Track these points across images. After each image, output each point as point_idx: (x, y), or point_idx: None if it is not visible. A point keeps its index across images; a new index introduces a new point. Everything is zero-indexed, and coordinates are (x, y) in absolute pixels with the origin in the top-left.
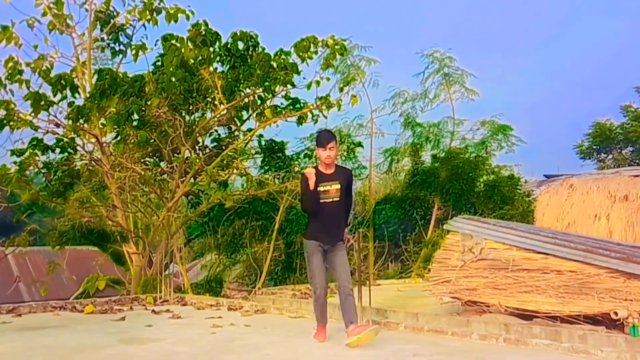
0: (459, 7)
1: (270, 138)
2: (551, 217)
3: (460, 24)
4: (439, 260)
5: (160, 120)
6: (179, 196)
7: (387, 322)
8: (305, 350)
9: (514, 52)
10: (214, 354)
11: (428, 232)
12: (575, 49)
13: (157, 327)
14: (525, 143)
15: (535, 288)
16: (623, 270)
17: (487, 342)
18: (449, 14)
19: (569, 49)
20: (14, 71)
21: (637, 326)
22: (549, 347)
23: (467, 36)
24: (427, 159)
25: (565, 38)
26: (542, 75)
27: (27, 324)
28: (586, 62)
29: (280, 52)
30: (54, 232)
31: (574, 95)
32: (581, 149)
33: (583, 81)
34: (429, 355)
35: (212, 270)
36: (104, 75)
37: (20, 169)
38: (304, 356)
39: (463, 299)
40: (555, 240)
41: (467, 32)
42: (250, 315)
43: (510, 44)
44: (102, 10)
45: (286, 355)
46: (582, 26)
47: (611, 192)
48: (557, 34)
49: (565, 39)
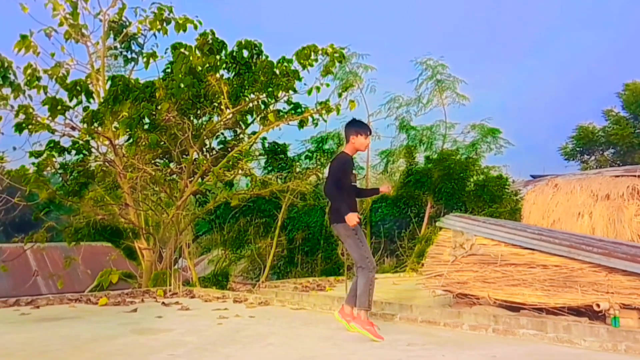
0: (451, 18)
1: (273, 140)
2: (537, 215)
3: (452, 33)
4: (432, 255)
5: (169, 124)
6: (187, 195)
7: (383, 313)
8: (307, 339)
9: (503, 60)
10: (220, 344)
11: (421, 229)
12: (560, 57)
13: (166, 319)
14: (513, 145)
15: (522, 281)
16: (605, 265)
17: (477, 333)
18: (441, 24)
19: (554, 58)
20: (32, 77)
21: (618, 317)
22: (535, 337)
23: (458, 45)
24: (420, 160)
25: (551, 47)
26: (529, 81)
27: (44, 315)
28: (570, 70)
29: (282, 60)
30: (70, 229)
31: (559, 101)
32: (565, 150)
33: (567, 87)
34: (422, 344)
35: (219, 264)
36: (117, 82)
37: (38, 170)
38: (305, 345)
39: (454, 292)
40: (541, 236)
41: (458, 41)
42: (254, 307)
43: (499, 52)
44: (115, 20)
45: (288, 344)
46: (567, 36)
47: (594, 191)
48: (544, 43)
49: (551, 48)
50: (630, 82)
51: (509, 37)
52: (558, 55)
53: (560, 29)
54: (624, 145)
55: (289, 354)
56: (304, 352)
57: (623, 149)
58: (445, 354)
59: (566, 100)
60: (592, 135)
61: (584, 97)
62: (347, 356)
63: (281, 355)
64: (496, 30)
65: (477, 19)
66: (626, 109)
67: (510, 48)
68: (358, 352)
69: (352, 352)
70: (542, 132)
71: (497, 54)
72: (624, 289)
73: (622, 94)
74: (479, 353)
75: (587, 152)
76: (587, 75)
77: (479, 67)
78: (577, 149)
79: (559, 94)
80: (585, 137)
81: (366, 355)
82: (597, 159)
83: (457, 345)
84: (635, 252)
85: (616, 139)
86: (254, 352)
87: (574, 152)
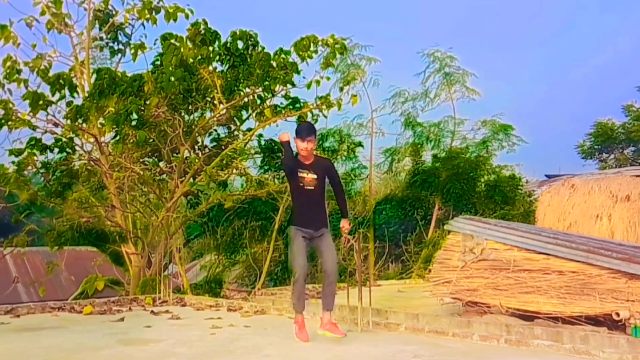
0: (460, 5)
1: (270, 138)
2: (552, 218)
3: (462, 22)
4: (440, 260)
5: (159, 120)
6: (178, 196)
7: (387, 322)
8: (305, 351)
9: (515, 51)
10: (213, 355)
11: (429, 232)
12: (576, 47)
13: (156, 328)
14: (526, 143)
15: (536, 289)
16: (625, 271)
17: (488, 343)
18: (450, 12)
19: (570, 48)
20: (12, 70)
21: (639, 327)
22: (551, 348)
23: (468, 35)
24: (427, 158)
25: (567, 36)
26: (544, 74)
27: (25, 324)
28: (588, 61)
29: (280, 52)
30: (53, 233)
31: (576, 95)
32: (583, 148)
33: (585, 80)
34: (430, 356)
35: (212, 270)
36: (103, 75)
37: (18, 169)
38: (303, 357)
39: (464, 300)
40: (557, 240)
41: (468, 30)
42: (249, 316)
43: (511, 42)
44: (101, 9)
45: (286, 357)
46: (585, 24)
47: (613, 192)
48: (559, 32)
49: (567, 37)
50: None
51: (523, 26)
52: (576, 45)
53: (578, 15)
54: None
55: None
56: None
57: None
58: None
59: (584, 94)
60: (611, 132)
61: (603, 91)
62: None
63: None
64: (509, 19)
65: (489, 6)
66: None
67: (524, 38)
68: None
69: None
70: (558, 128)
71: (510, 45)
72: None
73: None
74: None
75: (606, 150)
76: (607, 67)
77: (489, 58)
78: (595, 147)
79: (577, 88)
80: (603, 134)
81: None
82: (616, 157)
83: (466, 357)
84: None
85: (637, 136)
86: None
87: (592, 150)
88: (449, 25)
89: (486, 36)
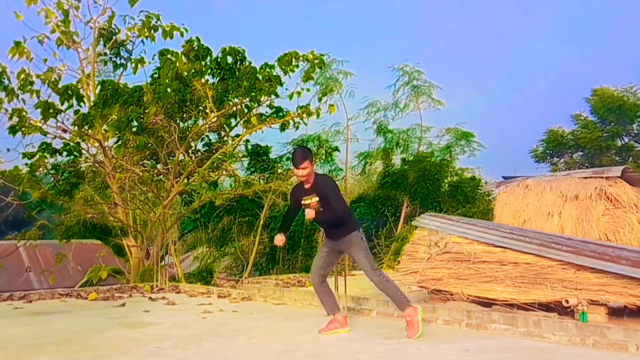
0: (427, 26)
1: (256, 143)
2: (509, 215)
3: (427, 40)
4: (408, 253)
5: (157, 127)
6: (173, 195)
7: (360, 308)
8: (288, 333)
9: (477, 67)
10: (205, 337)
11: (398, 227)
12: (530, 66)
13: (153, 313)
14: (485, 148)
15: (494, 278)
16: (574, 263)
17: (450, 327)
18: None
19: (525, 66)
20: (25, 82)
21: (586, 313)
22: (507, 331)
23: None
24: (397, 162)
25: (523, 56)
26: (505, 86)
27: (37, 309)
28: (541, 77)
29: (265, 66)
30: (61, 227)
31: (530, 106)
32: (536, 153)
33: (538, 93)
34: (398, 338)
35: (204, 261)
36: (107, 86)
37: (31, 170)
38: (287, 338)
39: (429, 288)
40: (513, 235)
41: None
42: (237, 302)
43: (473, 60)
44: (105, 27)
45: (271, 338)
46: (540, 46)
47: (563, 192)
48: (518, 52)
49: (524, 57)
50: (598, 87)
51: (485, 46)
52: (530, 64)
53: (535, 38)
54: (592, 148)
55: (271, 347)
56: (286, 345)
57: (591, 151)
58: (421, 347)
59: (537, 105)
60: (561, 138)
61: (554, 103)
62: (326, 349)
63: (264, 348)
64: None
65: (455, 27)
66: (594, 113)
67: (485, 56)
68: (337, 345)
69: (331, 345)
70: (514, 135)
71: (471, 62)
72: (592, 286)
73: (591, 99)
74: (452, 347)
75: (557, 155)
76: (557, 81)
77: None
78: (547, 152)
79: (530, 100)
80: (555, 141)
81: (344, 348)
82: (566, 161)
83: (432, 339)
84: (603, 251)
85: (584, 142)
86: (237, 345)
87: (544, 155)
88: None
89: (451, 54)
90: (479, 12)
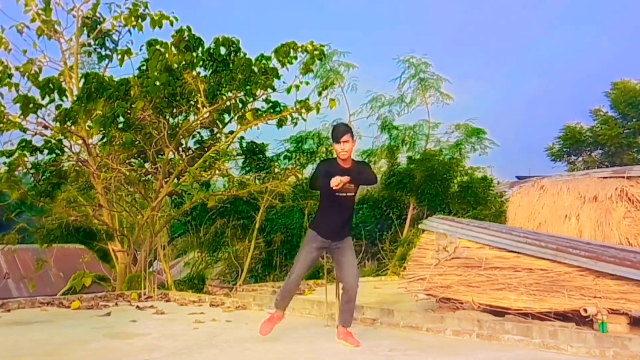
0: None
1: (251, 140)
2: (523, 217)
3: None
4: (414, 258)
5: (144, 123)
6: (162, 196)
7: (363, 318)
8: (285, 344)
9: (490, 59)
10: (196, 348)
11: (404, 231)
12: (547, 57)
13: (141, 323)
14: (498, 145)
15: (507, 285)
16: (592, 269)
17: (460, 338)
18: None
19: (542, 57)
20: (3, 75)
21: (606, 322)
22: (521, 342)
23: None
24: (403, 160)
25: (540, 47)
26: (517, 81)
27: (16, 319)
28: (558, 69)
29: (261, 57)
30: (42, 231)
31: (546, 100)
32: (552, 151)
33: (555, 87)
34: (404, 350)
35: (195, 267)
36: (91, 79)
37: (9, 170)
38: (283, 350)
39: (437, 296)
40: (527, 239)
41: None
42: (231, 311)
43: (485, 51)
44: (89, 16)
45: (266, 349)
46: (558, 35)
47: (581, 193)
48: (533, 42)
49: (540, 47)
50: (619, 81)
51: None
52: (547, 55)
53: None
54: (612, 146)
55: (267, 359)
56: (282, 356)
57: (611, 149)
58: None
59: (553, 100)
60: (579, 135)
61: (572, 97)
62: None
63: None
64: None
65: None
66: (614, 108)
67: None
68: (337, 357)
69: (331, 356)
70: (529, 132)
71: (484, 53)
72: (612, 294)
73: (611, 93)
74: (462, 359)
75: (575, 153)
76: (576, 74)
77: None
78: (564, 150)
79: (547, 94)
80: (572, 138)
81: None
82: (584, 159)
83: (439, 351)
84: (624, 256)
85: (604, 139)
86: (231, 357)
87: (561, 153)
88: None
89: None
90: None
